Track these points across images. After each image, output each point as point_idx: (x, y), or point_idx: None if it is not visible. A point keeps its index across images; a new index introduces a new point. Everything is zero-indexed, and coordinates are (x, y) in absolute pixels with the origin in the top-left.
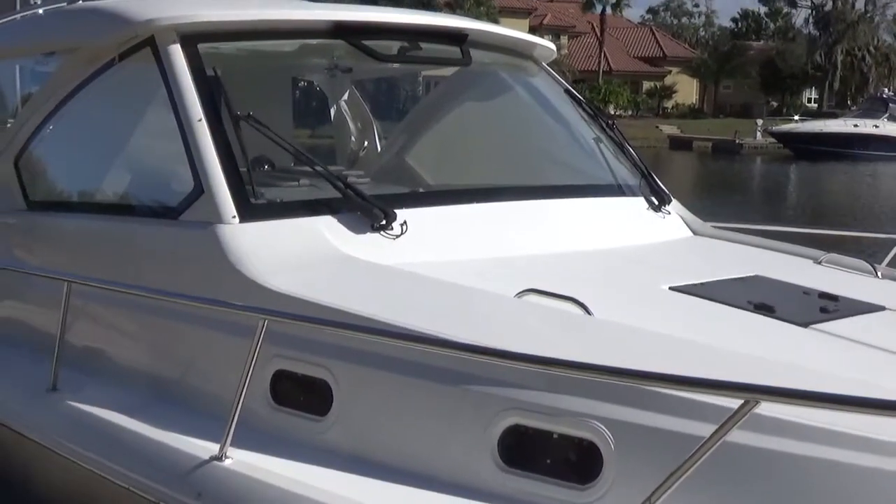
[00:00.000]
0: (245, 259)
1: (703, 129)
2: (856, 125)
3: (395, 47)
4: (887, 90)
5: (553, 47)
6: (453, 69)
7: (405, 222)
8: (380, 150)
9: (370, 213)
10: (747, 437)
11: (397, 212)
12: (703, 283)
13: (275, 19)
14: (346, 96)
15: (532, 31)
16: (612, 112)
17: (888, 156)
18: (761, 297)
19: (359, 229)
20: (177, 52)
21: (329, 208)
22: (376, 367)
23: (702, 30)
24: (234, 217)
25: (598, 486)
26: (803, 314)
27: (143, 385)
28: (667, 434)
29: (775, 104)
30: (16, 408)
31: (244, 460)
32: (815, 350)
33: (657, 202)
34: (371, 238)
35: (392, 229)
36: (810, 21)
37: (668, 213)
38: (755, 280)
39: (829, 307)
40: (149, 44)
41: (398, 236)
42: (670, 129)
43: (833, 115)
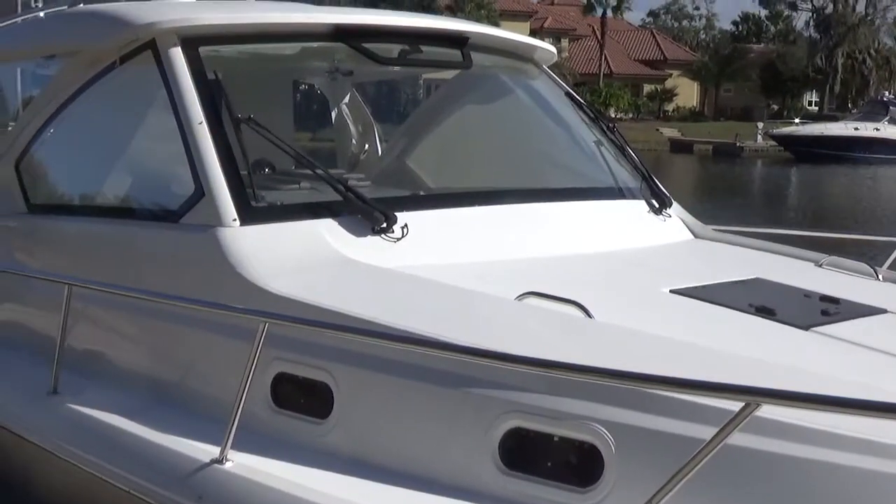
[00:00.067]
0: (246, 262)
1: (704, 132)
2: (856, 128)
3: (395, 50)
4: (888, 93)
5: (553, 50)
6: (454, 72)
7: (406, 225)
8: (381, 153)
9: (371, 216)
10: (748, 440)
11: (398, 215)
12: (703, 286)
13: (275, 22)
14: (346, 99)
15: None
16: (613, 115)
17: (889, 159)
18: (762, 300)
19: (359, 232)
20: (178, 56)
21: (330, 211)
22: (377, 369)
23: (702, 33)
24: (234, 220)
25: (599, 489)
26: (804, 317)
27: (143, 388)
28: (668, 437)
29: (776, 107)
30: (16, 411)
31: (245, 463)
32: (816, 353)
33: (658, 205)
34: (372, 241)
35: (393, 232)
36: (811, 24)
37: (669, 216)
38: (756, 283)
39: (830, 310)
40: (150, 47)
41: (399, 239)
42: (671, 132)
43: (834, 119)
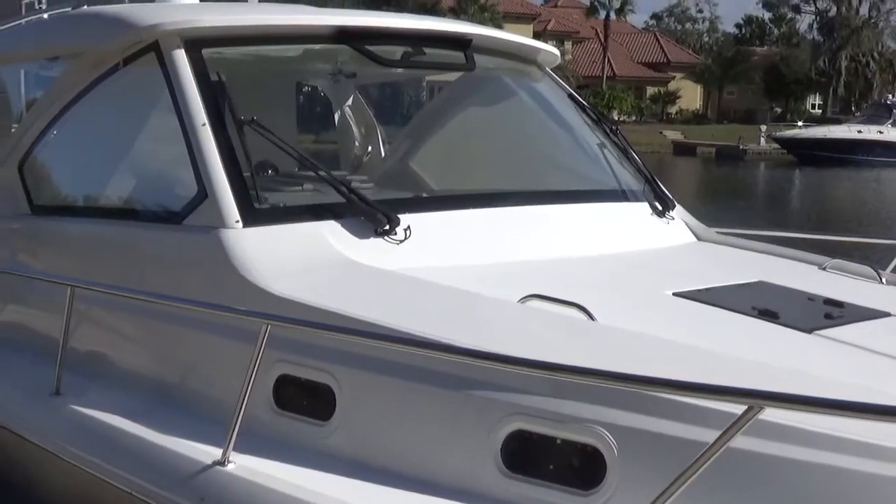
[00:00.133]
0: (248, 264)
1: (707, 134)
2: (860, 131)
3: (398, 52)
4: (891, 96)
5: (557, 52)
6: (457, 74)
7: (409, 227)
8: (384, 155)
9: (374, 218)
10: (751, 443)
11: (401, 217)
12: (707, 289)
13: (279, 24)
14: (350, 101)
15: (536, 36)
16: (616, 118)
17: (892, 161)
18: (765, 303)
19: (362, 234)
20: (181, 57)
21: (332, 213)
22: (379, 371)
23: (706, 35)
24: (237, 222)
25: (601, 492)
26: (807, 320)
27: (146, 389)
28: (670, 440)
29: (779, 110)
30: (19, 411)
31: (247, 465)
32: (819, 356)
33: (661, 207)
34: (374, 243)
35: (395, 234)
36: (814, 27)
37: (672, 219)
38: (759, 286)
39: (833, 313)
40: (153, 49)
41: (402, 241)
42: (674, 134)
43: (837, 121)
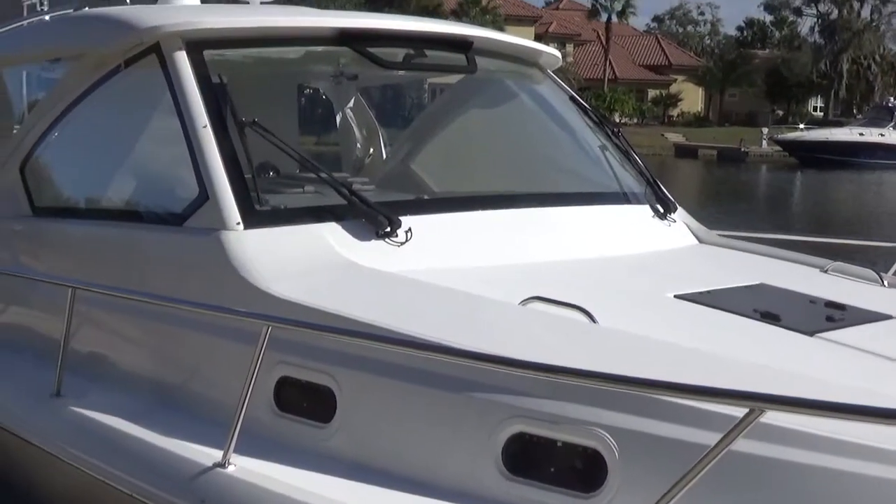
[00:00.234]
0: (249, 265)
1: (709, 137)
2: (861, 133)
3: (400, 54)
4: (893, 99)
5: (558, 55)
6: (459, 76)
7: (410, 229)
8: (385, 157)
9: (374, 220)
10: (752, 446)
11: (402, 219)
12: (708, 292)
13: (280, 26)
14: (351, 103)
15: (538, 38)
16: (618, 120)
17: (893, 164)
18: (767, 306)
19: (363, 236)
20: (182, 59)
21: (333, 215)
22: (380, 373)
23: (707, 38)
24: (238, 223)
25: (602, 495)
26: (809, 323)
27: (146, 391)
28: (671, 443)
29: (781, 112)
30: (20, 413)
31: (247, 467)
32: (821, 359)
33: (662, 210)
34: (375, 245)
35: (396, 236)
36: (816, 30)
37: (674, 221)
38: (761, 288)
39: (835, 316)
40: (154, 50)
41: (403, 243)
42: (676, 137)
43: (839, 124)
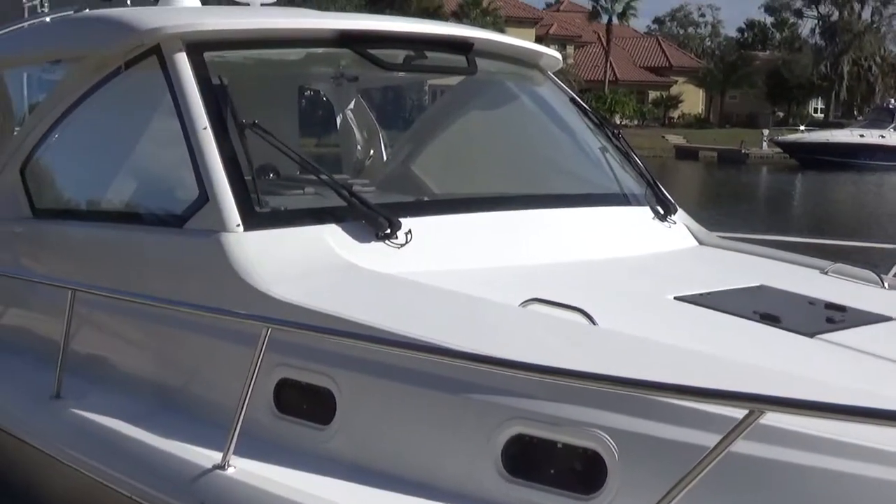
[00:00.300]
0: (249, 267)
1: (709, 138)
2: (862, 135)
3: (400, 56)
4: (893, 100)
5: (559, 56)
6: (459, 78)
7: (410, 231)
8: (385, 158)
9: (375, 221)
10: (752, 448)
11: (402, 220)
12: (708, 293)
13: (281, 28)
14: (352, 105)
15: (538, 40)
16: (618, 122)
17: (894, 165)
18: (767, 308)
19: (363, 238)
20: (182, 61)
21: (334, 217)
22: (380, 375)
23: (708, 40)
24: (238, 225)
25: (602, 497)
26: (809, 324)
27: (146, 393)
28: (671, 444)
29: (781, 114)
30: (19, 415)
31: (247, 469)
32: (821, 360)
33: (663, 212)
34: (375, 247)
35: (396, 238)
36: (816, 31)
37: (674, 223)
38: (761, 290)
39: (835, 317)
40: (155, 52)
41: (402, 245)
42: (676, 138)
43: (839, 126)
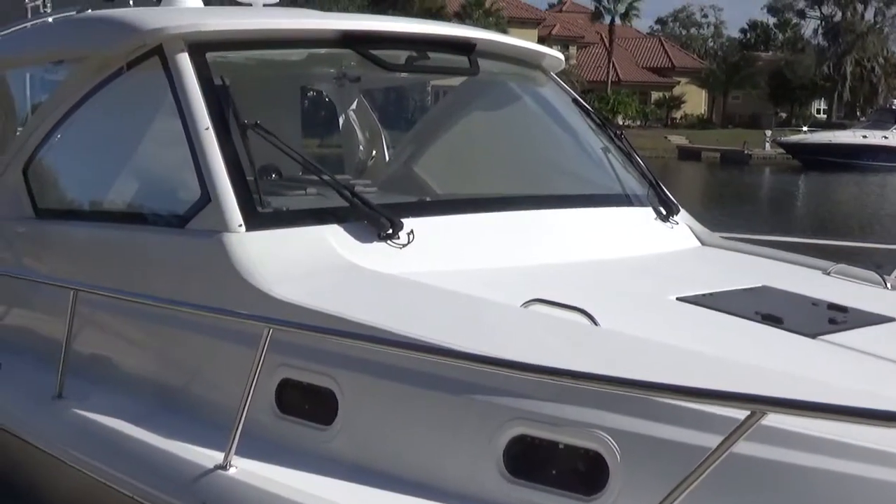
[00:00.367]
0: (251, 268)
1: (712, 139)
2: (865, 136)
3: (403, 57)
4: None
5: (561, 57)
6: (462, 79)
7: (412, 231)
8: (388, 159)
9: (377, 222)
10: (754, 449)
11: (404, 221)
12: (710, 294)
13: (283, 28)
14: (354, 105)
15: (541, 41)
16: (621, 122)
17: None
18: (769, 308)
19: (365, 238)
20: (185, 61)
21: (336, 217)
22: (381, 376)
23: (710, 40)
24: (240, 226)
25: (603, 497)
26: (812, 325)
27: (148, 393)
28: (673, 445)
29: (784, 115)
30: (21, 415)
31: (248, 469)
32: (823, 361)
33: (665, 212)
34: (377, 247)
35: (398, 238)
36: (819, 32)
37: (676, 224)
38: (763, 291)
39: (837, 318)
40: (157, 52)
41: (405, 245)
42: (679, 139)
43: (842, 126)
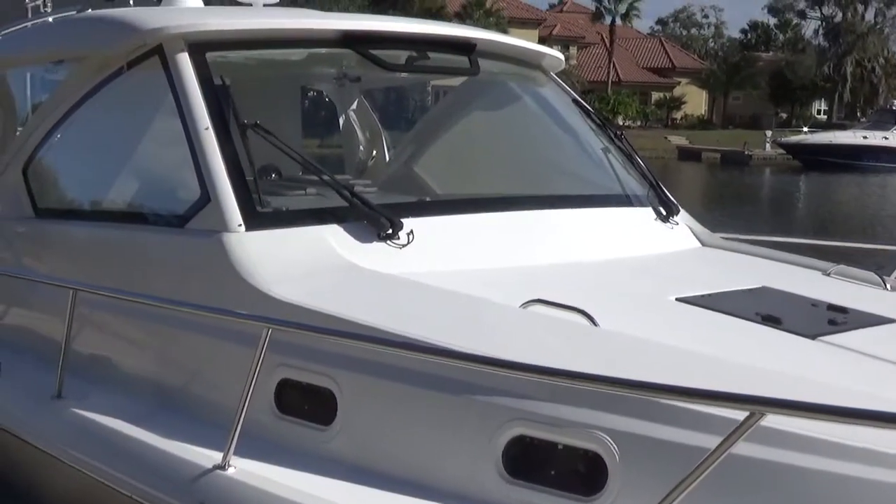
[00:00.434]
0: (251, 267)
1: (713, 139)
2: (865, 137)
3: (403, 57)
4: None
5: (561, 57)
6: (462, 79)
7: (412, 231)
8: (388, 159)
9: (377, 222)
10: (753, 450)
11: (404, 221)
12: (710, 295)
13: (283, 28)
14: (354, 105)
15: (541, 41)
16: (621, 123)
17: None
18: (769, 309)
19: (365, 238)
20: (185, 61)
21: (335, 217)
22: (381, 376)
23: (711, 41)
24: (240, 225)
25: (602, 498)
26: (811, 326)
27: (147, 393)
28: (672, 446)
29: (784, 115)
30: (20, 415)
31: (247, 469)
32: (823, 362)
33: (665, 213)
34: (377, 247)
35: (398, 238)
36: (820, 32)
37: (677, 224)
38: (763, 291)
39: (837, 319)
40: (157, 52)
41: (404, 245)
42: (679, 139)
43: (842, 127)
